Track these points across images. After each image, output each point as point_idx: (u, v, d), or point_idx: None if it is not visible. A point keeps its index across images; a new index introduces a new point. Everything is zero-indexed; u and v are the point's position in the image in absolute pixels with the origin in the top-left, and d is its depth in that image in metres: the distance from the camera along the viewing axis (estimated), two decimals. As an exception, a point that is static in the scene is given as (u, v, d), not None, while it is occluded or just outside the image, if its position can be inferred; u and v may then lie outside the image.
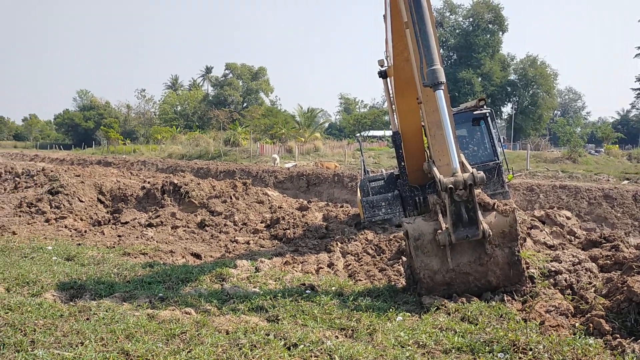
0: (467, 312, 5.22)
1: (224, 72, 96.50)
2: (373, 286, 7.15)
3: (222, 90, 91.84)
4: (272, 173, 25.91)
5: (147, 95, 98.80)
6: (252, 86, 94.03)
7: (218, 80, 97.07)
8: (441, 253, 5.84)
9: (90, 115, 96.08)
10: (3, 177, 22.90)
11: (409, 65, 7.58)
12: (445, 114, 5.85)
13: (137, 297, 6.25)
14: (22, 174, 22.56)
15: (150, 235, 11.98)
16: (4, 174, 23.19)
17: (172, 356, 4.01)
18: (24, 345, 4.20)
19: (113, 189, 16.09)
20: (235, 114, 77.61)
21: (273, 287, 7.03)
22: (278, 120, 62.42)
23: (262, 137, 56.90)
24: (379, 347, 4.34)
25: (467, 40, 66.08)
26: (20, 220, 12.89)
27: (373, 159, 34.64)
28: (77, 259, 8.43)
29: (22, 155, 56.10)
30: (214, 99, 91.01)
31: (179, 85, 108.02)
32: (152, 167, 36.28)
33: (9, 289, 6.46)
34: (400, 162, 10.75)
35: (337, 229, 12.14)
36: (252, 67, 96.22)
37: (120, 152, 59.94)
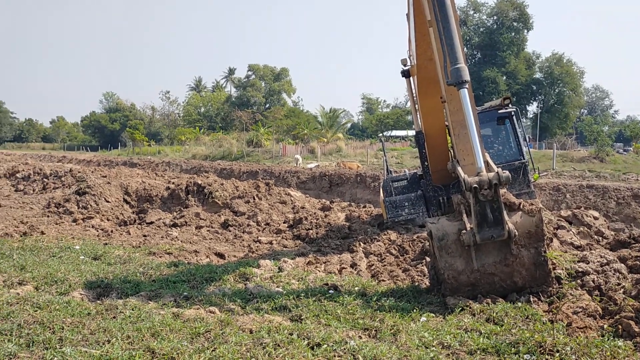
0: (493, 313, 5.15)
1: (247, 73, 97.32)
2: (396, 286, 7.11)
3: (244, 91, 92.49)
4: (294, 173, 25.98)
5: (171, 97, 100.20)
6: (274, 87, 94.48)
7: (241, 81, 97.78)
8: (466, 253, 5.78)
9: (116, 117, 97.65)
10: (32, 178, 23.41)
11: (433, 64, 7.52)
12: (469, 113, 5.79)
13: (162, 296, 6.32)
14: (51, 175, 23.05)
15: (174, 235, 12.11)
16: (32, 175, 23.71)
17: (196, 354, 4.04)
18: (52, 342, 4.28)
19: (138, 190, 16.31)
20: (258, 115, 78.05)
21: (296, 287, 7.04)
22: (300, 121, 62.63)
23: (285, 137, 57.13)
24: (402, 347, 4.32)
25: (491, 38, 65.36)
26: (48, 220, 13.15)
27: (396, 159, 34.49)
28: (103, 259, 8.56)
29: (50, 157, 57.26)
30: (236, 100, 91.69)
31: (202, 86, 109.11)
32: (177, 168, 36.70)
33: (37, 287, 6.60)
34: (423, 161, 10.67)
35: (359, 229, 12.11)
36: (275, 68, 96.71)
37: (145, 153, 60.78)
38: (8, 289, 6.29)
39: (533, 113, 70.44)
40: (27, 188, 21.71)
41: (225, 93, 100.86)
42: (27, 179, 23.38)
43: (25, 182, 23.04)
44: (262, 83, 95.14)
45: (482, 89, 59.94)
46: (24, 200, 18.41)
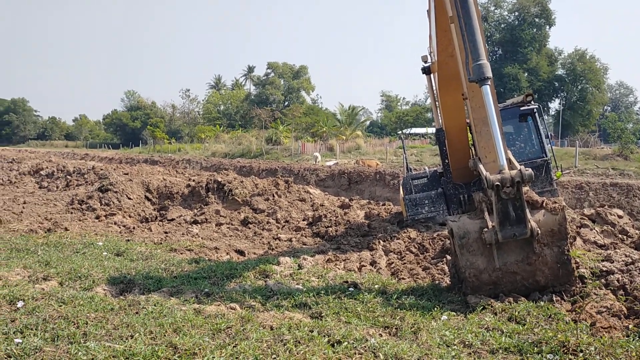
0: (515, 312, 5.11)
1: (266, 71, 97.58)
2: (417, 285, 7.07)
3: (264, 89, 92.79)
4: (313, 171, 26.00)
5: (191, 95, 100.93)
6: (293, 85, 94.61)
7: (260, 79, 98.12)
8: (487, 252, 5.73)
9: (137, 115, 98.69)
10: (55, 175, 23.79)
11: (454, 60, 7.46)
12: (491, 110, 5.73)
13: (183, 292, 6.38)
14: (74, 172, 23.39)
15: (195, 232, 12.22)
16: (56, 172, 24.08)
17: (218, 350, 4.07)
18: (77, 337, 4.34)
19: (159, 187, 16.48)
20: (277, 113, 78.25)
21: (316, 284, 7.05)
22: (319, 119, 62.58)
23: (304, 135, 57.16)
24: (423, 346, 4.30)
25: (512, 34, 64.56)
26: (72, 217, 13.36)
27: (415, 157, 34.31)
28: (126, 255, 8.67)
29: (73, 154, 58.14)
30: (256, 98, 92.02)
31: (222, 84, 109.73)
32: (197, 166, 36.98)
33: (62, 283, 6.71)
34: (444, 159, 10.60)
35: (379, 227, 12.08)
36: (294, 66, 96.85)
37: (166, 151, 61.35)
38: (33, 284, 6.40)
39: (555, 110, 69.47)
40: (50, 185, 22.07)
41: (245, 91, 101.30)
42: (51, 176, 23.77)
43: (49, 179, 23.43)
44: (281, 81, 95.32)
45: (503, 86, 59.28)
46: (48, 197, 18.73)
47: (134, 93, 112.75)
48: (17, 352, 3.94)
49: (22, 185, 22.57)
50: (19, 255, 8.03)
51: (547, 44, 67.10)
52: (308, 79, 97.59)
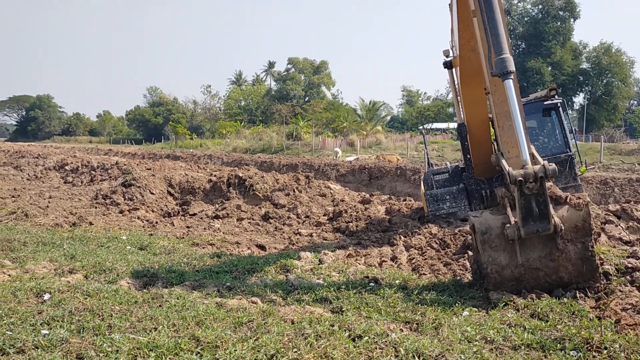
0: (537, 308, 5.05)
1: (286, 66, 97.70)
2: (438, 280, 7.04)
3: (284, 84, 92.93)
4: (334, 166, 26.00)
5: (212, 91, 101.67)
6: (313, 80, 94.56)
7: (280, 75, 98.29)
8: (510, 248, 5.67)
9: (160, 111, 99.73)
10: (80, 170, 24.18)
11: (476, 54, 7.38)
12: (515, 104, 5.66)
13: (206, 285, 6.46)
14: (98, 167, 23.75)
15: (217, 226, 12.32)
16: (81, 168, 24.48)
17: (240, 343, 4.11)
18: (102, 329, 4.42)
19: (182, 182, 16.64)
20: (298, 108, 78.31)
21: (337, 279, 7.07)
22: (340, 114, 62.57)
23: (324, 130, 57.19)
24: (445, 341, 4.28)
25: (536, 28, 63.61)
26: (96, 211, 13.58)
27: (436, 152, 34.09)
28: (149, 249, 8.78)
29: (97, 150, 58.99)
30: (276, 94, 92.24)
31: (242, 80, 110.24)
32: (218, 161, 37.23)
33: (87, 276, 6.84)
34: (465, 154, 10.51)
35: (400, 223, 12.04)
36: (314, 61, 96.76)
37: (188, 147, 61.91)
38: (59, 277, 6.54)
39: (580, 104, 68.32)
40: (75, 180, 22.45)
41: (265, 86, 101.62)
42: (76, 171, 24.16)
43: (73, 174, 23.82)
44: (302, 76, 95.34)
45: (526, 80, 58.48)
46: (72, 191, 19.05)
47: (156, 89, 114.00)
48: (44, 343, 4.02)
49: (48, 180, 23.00)
50: (45, 249, 8.20)
51: (571, 37, 65.98)
52: (328, 74, 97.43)
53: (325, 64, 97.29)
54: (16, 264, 7.16)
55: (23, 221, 10.82)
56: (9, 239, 8.53)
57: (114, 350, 3.92)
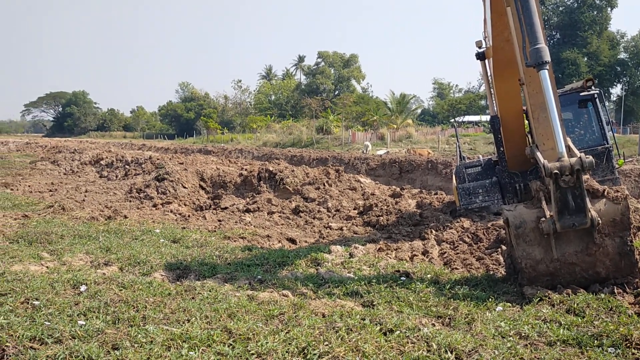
0: (573, 304, 4.94)
1: (316, 60, 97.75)
2: (470, 275, 6.95)
3: (314, 78, 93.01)
4: (364, 160, 25.88)
5: (243, 86, 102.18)
6: (343, 74, 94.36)
7: (310, 69, 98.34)
8: (544, 242, 5.56)
9: (191, 106, 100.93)
10: (115, 165, 24.68)
11: (509, 45, 7.22)
12: (550, 95, 5.53)
13: (237, 278, 6.51)
14: (132, 162, 24.19)
15: (248, 220, 12.42)
16: (115, 162, 24.97)
17: (271, 336, 4.14)
18: (136, 320, 4.51)
19: (213, 176, 16.83)
20: (327, 102, 78.26)
21: (367, 273, 7.04)
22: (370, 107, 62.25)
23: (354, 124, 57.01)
24: (478, 336, 4.22)
25: (571, 18, 62.04)
26: (130, 205, 13.84)
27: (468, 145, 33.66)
28: (182, 242, 8.90)
29: (131, 145, 60.05)
30: (306, 88, 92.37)
31: (273, 75, 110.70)
32: (248, 155, 37.50)
33: (122, 268, 6.97)
34: (499, 147, 10.31)
35: (431, 217, 11.92)
36: (344, 55, 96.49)
37: (219, 141, 62.51)
38: (95, 269, 6.69)
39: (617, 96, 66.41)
40: (110, 174, 22.92)
41: (295, 81, 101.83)
42: (111, 166, 24.67)
43: (108, 168, 24.33)
44: (332, 70, 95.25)
45: (561, 71, 57.17)
46: (107, 185, 19.48)
47: (188, 84, 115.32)
48: (81, 333, 4.12)
49: (84, 175, 23.56)
50: (82, 242, 8.39)
51: (608, 26, 64.17)
52: (358, 67, 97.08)
53: (355, 58, 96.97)
54: (54, 257, 7.35)
55: (60, 215, 11.09)
56: (47, 232, 8.75)
57: (149, 341, 3.99)
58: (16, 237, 8.48)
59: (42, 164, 27.00)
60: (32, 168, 25.58)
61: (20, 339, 4.00)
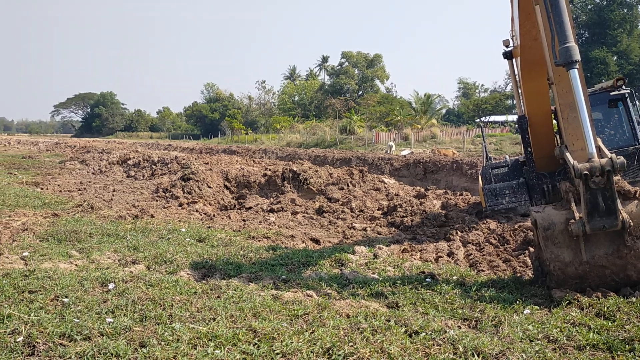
0: (603, 307, 4.83)
1: (340, 60, 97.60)
2: (497, 277, 6.87)
3: (338, 79, 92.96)
4: (387, 160, 25.76)
5: (267, 87, 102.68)
6: (367, 74, 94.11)
7: (334, 69, 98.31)
8: (574, 244, 5.45)
9: (216, 107, 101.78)
10: (141, 165, 25.04)
11: (538, 44, 7.11)
12: (580, 95, 5.43)
13: (262, 278, 6.54)
14: (158, 162, 24.52)
15: (272, 220, 12.46)
16: (142, 162, 25.34)
17: (296, 336, 4.15)
18: (163, 318, 4.57)
19: (237, 176, 16.93)
20: (351, 102, 78.11)
21: (392, 274, 7.01)
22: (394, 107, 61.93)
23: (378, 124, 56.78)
24: (505, 339, 4.16)
25: (600, 16, 60.86)
26: (157, 204, 14.01)
27: (494, 146, 33.24)
28: (207, 241, 8.97)
29: (157, 145, 60.75)
30: (330, 88, 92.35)
31: (296, 75, 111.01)
32: (272, 155, 37.64)
33: (149, 266, 7.07)
34: (526, 147, 10.16)
35: (456, 218, 11.80)
36: (368, 55, 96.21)
37: (243, 141, 62.87)
38: (123, 268, 6.79)
39: (648, 95, 64.86)
40: (137, 174, 23.27)
41: (319, 81, 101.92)
42: (138, 166, 25.03)
43: (135, 168, 24.69)
44: (355, 70, 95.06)
45: (590, 71, 56.12)
46: (135, 185, 19.78)
47: (213, 85, 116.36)
48: (109, 330, 4.19)
49: (112, 174, 23.96)
50: (110, 240, 8.54)
51: (639, 24, 62.70)
52: (382, 67, 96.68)
53: (379, 57, 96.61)
54: (83, 255, 7.49)
55: (89, 213, 11.29)
56: (76, 231, 8.93)
57: (175, 339, 4.04)
58: (46, 236, 8.67)
59: (71, 163, 27.57)
60: (61, 168, 26.13)
61: (50, 335, 4.08)
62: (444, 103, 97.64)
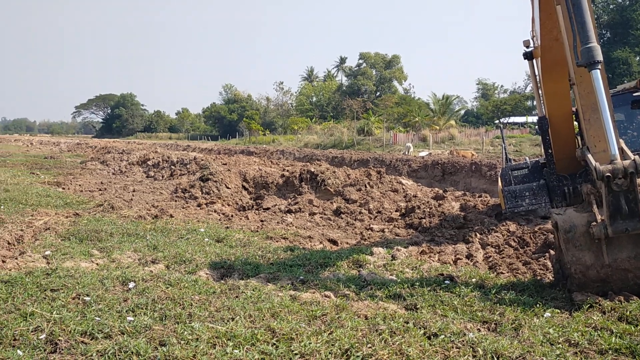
0: (626, 311, 4.76)
1: (358, 61, 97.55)
2: (517, 280, 6.79)
3: (355, 80, 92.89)
4: (405, 162, 25.67)
5: (284, 88, 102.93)
6: (385, 75, 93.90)
7: (352, 70, 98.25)
8: (595, 247, 5.38)
9: (234, 108, 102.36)
10: (161, 165, 25.28)
11: (559, 44, 7.03)
12: (602, 96, 5.35)
13: (280, 278, 6.56)
14: (177, 162, 24.72)
15: (289, 220, 12.49)
16: (161, 163, 25.59)
17: (314, 336, 4.15)
18: (182, 317, 4.61)
19: (255, 177, 17.01)
20: (369, 103, 78.00)
21: (410, 276, 6.98)
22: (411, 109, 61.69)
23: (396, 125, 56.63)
24: (525, 343, 4.12)
25: (622, 16, 59.96)
26: (176, 205, 14.13)
27: (514, 147, 32.93)
28: (225, 241, 9.02)
29: (176, 146, 61.28)
30: (347, 89, 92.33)
31: (314, 76, 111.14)
32: (290, 156, 37.73)
33: (168, 266, 7.14)
34: (547, 149, 10.04)
35: (475, 219, 11.71)
36: (386, 56, 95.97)
37: (261, 142, 63.14)
38: (143, 267, 6.88)
39: (673, 96, 63.68)
40: (156, 174, 23.49)
41: (336, 82, 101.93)
42: (157, 166, 25.28)
43: (155, 169, 24.94)
44: (373, 71, 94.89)
45: (612, 71, 55.29)
46: (154, 185, 19.98)
47: (231, 87, 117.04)
48: (129, 329, 4.24)
49: (132, 175, 24.22)
50: (130, 240, 8.64)
51: (663, 24, 61.63)
52: (400, 68, 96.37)
53: (397, 58, 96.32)
54: (103, 254, 7.59)
55: (109, 213, 11.43)
56: (97, 230, 9.05)
57: (194, 338, 4.07)
58: (68, 235, 8.80)
59: (92, 164, 27.95)
60: (82, 168, 26.50)
61: (72, 333, 4.15)
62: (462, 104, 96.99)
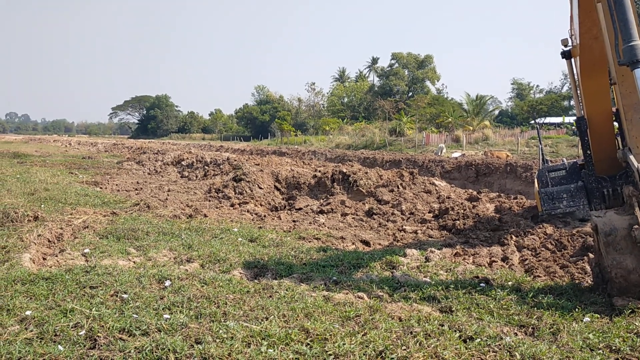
0: (670, 318, 4.62)
1: (390, 62, 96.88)
2: (554, 283, 6.65)
3: (387, 80, 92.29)
4: (438, 163, 25.42)
5: (316, 88, 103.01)
6: (418, 75, 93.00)
7: (384, 70, 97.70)
8: (637, 251, 5.23)
9: (266, 109, 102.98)
10: (195, 165, 25.62)
11: (599, 43, 6.87)
12: (645, 96, 5.20)
13: (313, 279, 6.58)
14: (211, 163, 25.03)
15: (321, 221, 12.50)
16: (195, 163, 25.93)
17: (348, 337, 4.15)
18: (217, 316, 4.66)
19: (287, 177, 17.09)
20: (401, 104, 77.45)
21: (444, 278, 6.91)
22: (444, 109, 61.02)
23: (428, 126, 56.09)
24: (564, 348, 4.04)
25: (666, 11, 57.99)
26: (210, 204, 14.31)
27: (550, 148, 32.24)
28: (259, 241, 9.09)
29: (209, 146, 62.07)
30: (379, 90, 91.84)
31: (346, 77, 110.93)
32: (321, 157, 37.78)
33: (203, 265, 7.24)
34: (585, 150, 9.79)
35: (511, 222, 11.50)
36: (419, 56, 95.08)
37: (293, 143, 63.39)
38: (178, 266, 6.98)
39: None
40: (191, 175, 23.82)
41: (368, 83, 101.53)
42: (191, 167, 25.63)
43: (189, 169, 25.29)
44: (405, 71, 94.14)
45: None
46: (188, 185, 20.26)
47: (263, 88, 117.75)
48: (166, 327, 4.31)
49: (166, 175, 24.63)
50: (166, 239, 8.78)
51: None
52: (433, 68, 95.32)
53: (430, 58, 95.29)
54: (140, 252, 7.74)
55: (145, 212, 11.64)
56: (134, 229, 9.23)
57: (229, 336, 4.11)
58: (105, 233, 9.00)
59: (128, 164, 28.51)
60: (119, 168, 27.07)
61: (111, 330, 4.24)
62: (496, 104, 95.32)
